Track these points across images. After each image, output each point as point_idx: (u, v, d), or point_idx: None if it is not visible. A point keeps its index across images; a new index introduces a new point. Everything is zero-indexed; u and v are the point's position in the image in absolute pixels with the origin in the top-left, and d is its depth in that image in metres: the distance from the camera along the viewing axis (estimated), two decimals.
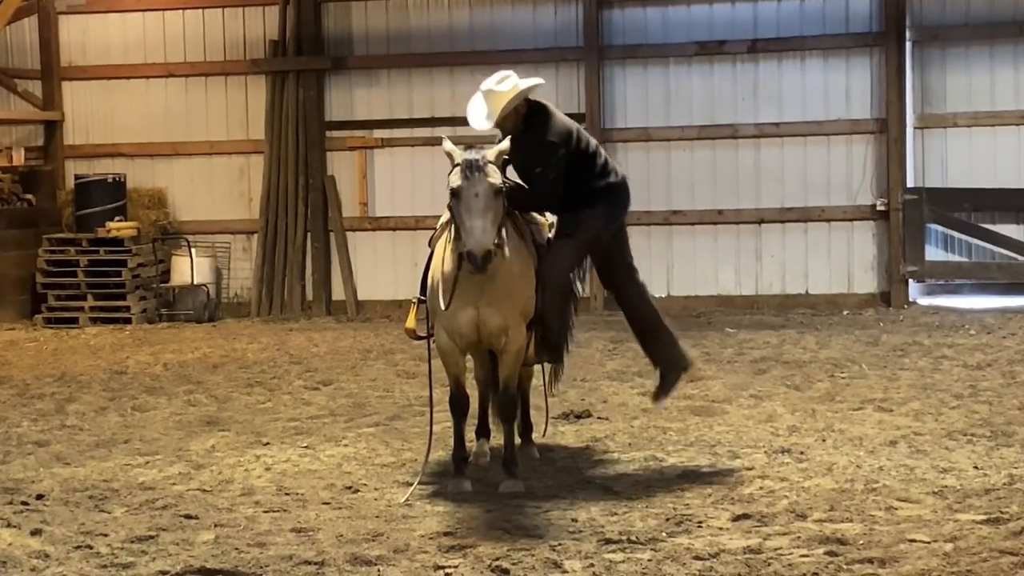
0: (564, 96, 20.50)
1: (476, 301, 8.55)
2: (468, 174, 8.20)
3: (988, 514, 7.57)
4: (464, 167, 8.23)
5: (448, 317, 8.65)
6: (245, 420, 11.62)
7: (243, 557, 7.03)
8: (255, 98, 21.36)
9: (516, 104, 8.82)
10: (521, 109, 8.87)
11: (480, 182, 8.17)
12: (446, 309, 8.57)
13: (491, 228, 8.14)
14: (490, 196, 8.18)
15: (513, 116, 8.85)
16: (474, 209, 8.14)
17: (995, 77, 19.73)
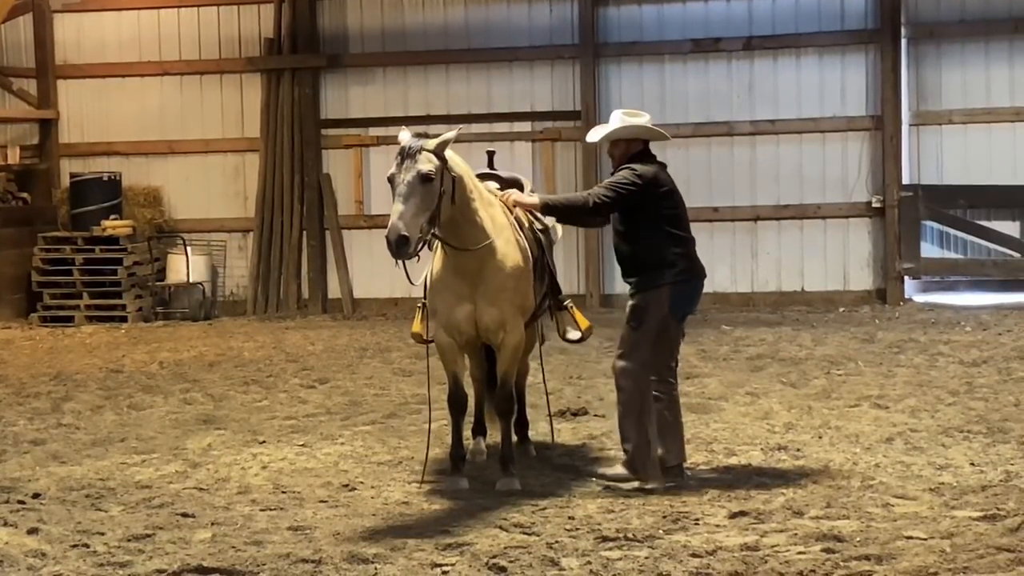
0: (560, 94, 20.54)
1: (472, 296, 8.55)
2: (400, 161, 8.15)
3: (985, 511, 7.58)
4: (399, 153, 8.19)
5: (445, 314, 8.65)
6: (241, 418, 11.62)
7: (240, 555, 7.02)
8: (250, 96, 21.35)
9: (630, 136, 8.77)
10: (633, 148, 8.78)
11: (409, 169, 8.09)
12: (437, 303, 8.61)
13: (411, 214, 7.99)
14: (416, 183, 8.06)
15: (623, 148, 8.79)
16: (396, 194, 8.05)
17: (990, 74, 19.75)
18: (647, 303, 8.61)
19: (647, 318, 8.59)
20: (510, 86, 20.68)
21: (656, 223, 8.67)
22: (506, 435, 8.88)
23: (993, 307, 18.26)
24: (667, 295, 8.66)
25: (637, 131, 8.81)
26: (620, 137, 8.79)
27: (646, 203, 8.64)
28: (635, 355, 8.59)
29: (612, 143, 8.81)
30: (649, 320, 8.59)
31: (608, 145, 8.86)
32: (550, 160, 20.43)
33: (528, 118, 20.54)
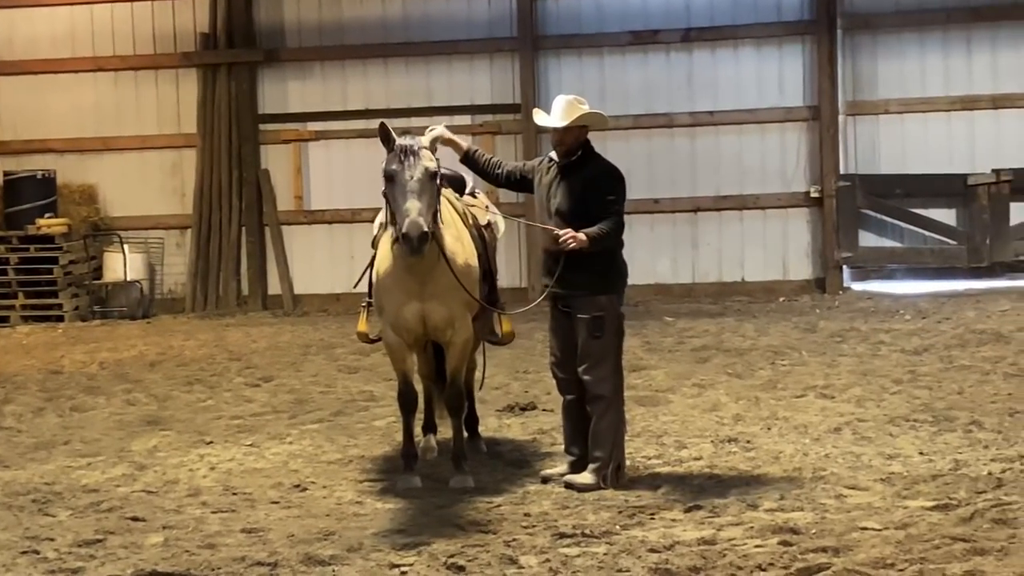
0: (499, 87, 20.51)
1: (420, 294, 8.50)
2: (403, 158, 8.14)
3: (937, 500, 7.63)
4: (399, 151, 8.17)
5: (394, 313, 8.60)
6: (187, 419, 11.50)
7: (194, 559, 6.94)
8: (186, 92, 21.15)
9: (585, 123, 8.60)
10: (583, 136, 8.64)
11: (415, 165, 8.11)
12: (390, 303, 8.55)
13: (426, 210, 8.06)
14: (425, 179, 8.11)
15: (575, 135, 8.59)
16: (409, 191, 8.04)
17: (925, 64, 19.94)
18: (605, 310, 8.50)
19: (608, 325, 8.50)
20: (449, 79, 20.62)
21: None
22: (458, 432, 8.85)
23: (931, 295, 18.45)
24: (619, 301, 8.67)
25: (594, 117, 8.64)
26: (586, 123, 8.60)
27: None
28: (606, 364, 8.51)
29: (565, 130, 8.56)
30: (610, 326, 8.51)
31: (561, 131, 8.59)
32: (490, 153, 20.34)
33: (468, 111, 20.50)
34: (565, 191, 8.56)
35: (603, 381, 8.51)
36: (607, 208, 8.48)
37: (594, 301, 8.49)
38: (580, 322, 8.53)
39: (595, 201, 8.49)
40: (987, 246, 19.61)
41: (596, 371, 8.49)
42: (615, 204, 8.53)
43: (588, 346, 8.51)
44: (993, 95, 19.80)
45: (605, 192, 8.51)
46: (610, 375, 8.54)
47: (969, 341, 14.09)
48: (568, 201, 8.53)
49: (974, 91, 19.82)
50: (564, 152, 8.65)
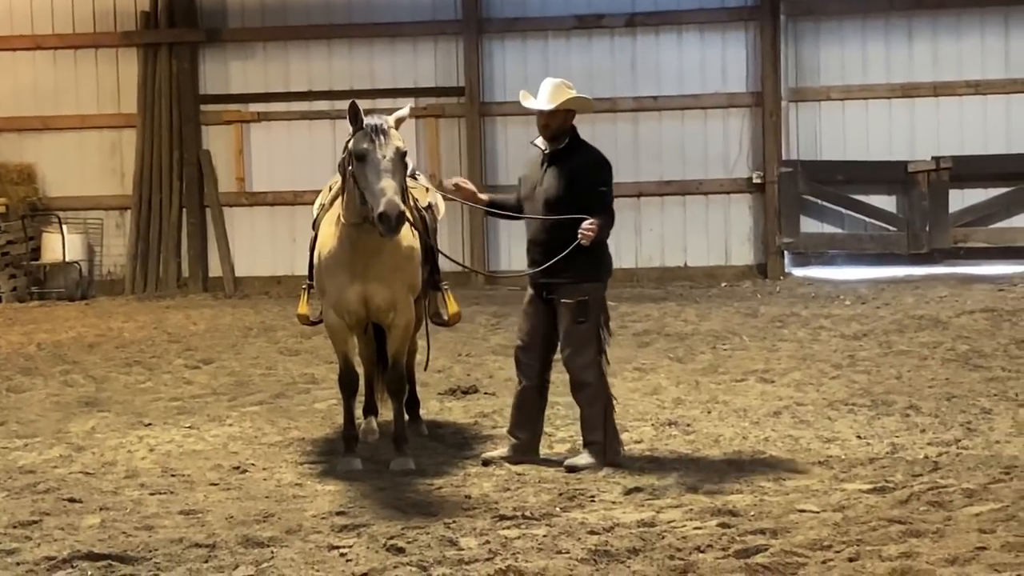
0: (443, 70, 20.46)
1: (364, 276, 8.45)
2: (374, 137, 8.02)
3: (874, 483, 7.70)
4: (370, 131, 8.05)
5: (336, 294, 8.55)
6: (125, 400, 11.40)
7: (131, 541, 6.88)
8: (127, 71, 20.95)
9: (573, 107, 8.53)
10: (569, 121, 8.57)
11: (387, 145, 8.02)
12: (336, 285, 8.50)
13: (399, 190, 7.99)
14: (397, 159, 8.04)
15: (562, 119, 8.51)
16: (383, 171, 7.94)
17: (867, 51, 20.08)
18: (589, 295, 8.45)
19: (592, 310, 8.46)
20: (393, 62, 20.55)
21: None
22: (399, 415, 8.83)
23: (871, 281, 18.61)
24: (603, 287, 8.64)
25: (581, 101, 8.57)
26: (572, 107, 8.52)
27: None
28: (590, 348, 8.47)
29: (551, 113, 8.47)
30: (593, 312, 8.47)
31: (546, 115, 8.49)
32: (434, 136, 20.36)
33: (411, 94, 20.40)
34: (553, 179, 8.48)
35: (587, 367, 8.47)
36: (599, 199, 8.43)
37: (579, 287, 8.42)
38: (563, 308, 8.46)
39: (584, 190, 8.40)
40: (926, 233, 19.80)
41: (580, 357, 8.46)
42: (607, 195, 8.50)
43: (572, 332, 8.45)
44: (934, 83, 19.98)
45: (595, 182, 8.44)
46: (593, 360, 8.49)
47: (908, 327, 14.23)
48: (556, 190, 8.45)
49: (915, 79, 20.00)
50: (550, 136, 8.57)
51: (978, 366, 11.74)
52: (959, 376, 11.30)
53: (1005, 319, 14.60)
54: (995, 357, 12.17)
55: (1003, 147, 19.85)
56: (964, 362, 11.99)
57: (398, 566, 6.26)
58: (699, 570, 6.08)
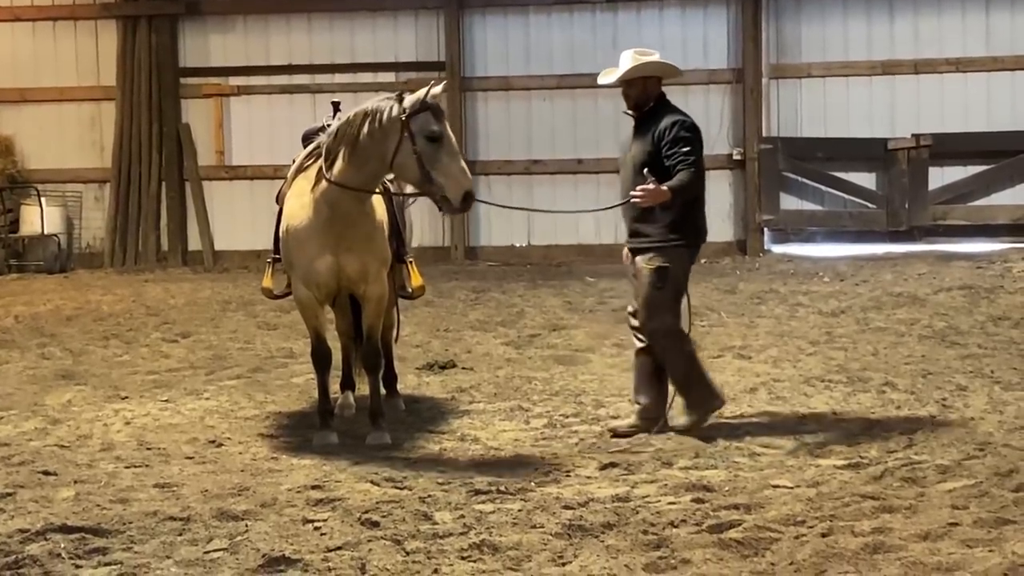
0: (424, 46, 20.41)
1: (335, 248, 8.42)
2: (440, 117, 8.07)
3: (848, 459, 7.72)
4: (434, 112, 8.06)
5: (306, 267, 8.51)
6: (102, 374, 11.37)
7: (105, 514, 6.86)
8: (106, 43, 20.87)
9: (648, 74, 8.55)
10: (652, 88, 8.59)
11: (448, 126, 8.11)
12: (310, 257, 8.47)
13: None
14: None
15: (640, 88, 8.56)
16: (455, 152, 8.08)
17: (848, 28, 20.09)
18: (671, 262, 8.51)
19: (671, 277, 8.52)
20: (374, 36, 20.49)
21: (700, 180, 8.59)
22: (375, 389, 8.81)
23: (850, 258, 18.65)
24: (687, 255, 8.65)
25: (661, 68, 8.64)
26: (641, 75, 8.54)
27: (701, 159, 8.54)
28: (666, 314, 8.56)
29: (627, 83, 8.56)
30: (672, 279, 8.53)
31: (624, 87, 8.59)
32: None
33: (392, 68, 20.40)
34: (639, 145, 8.54)
35: (663, 332, 8.57)
36: (682, 159, 8.35)
37: (661, 252, 8.49)
38: (643, 272, 8.56)
39: (667, 152, 8.39)
40: (906, 210, 19.84)
41: (653, 322, 8.56)
42: (690, 154, 8.38)
43: (649, 296, 8.55)
44: (915, 60, 20.01)
45: (677, 142, 8.38)
46: (671, 325, 8.58)
47: (885, 304, 14.27)
48: (641, 154, 8.49)
49: (896, 56, 20.03)
50: (632, 106, 8.65)
51: (955, 343, 11.78)
52: (935, 353, 11.33)
53: (983, 296, 14.65)
54: (972, 334, 12.21)
55: (983, 125, 19.90)
56: (941, 339, 12.02)
57: (372, 540, 6.25)
58: (672, 545, 6.09)
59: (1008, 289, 15.24)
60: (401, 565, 5.88)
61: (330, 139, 8.38)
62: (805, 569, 5.67)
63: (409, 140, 8.03)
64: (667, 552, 5.98)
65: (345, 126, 8.29)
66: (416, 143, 8.02)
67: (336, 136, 8.34)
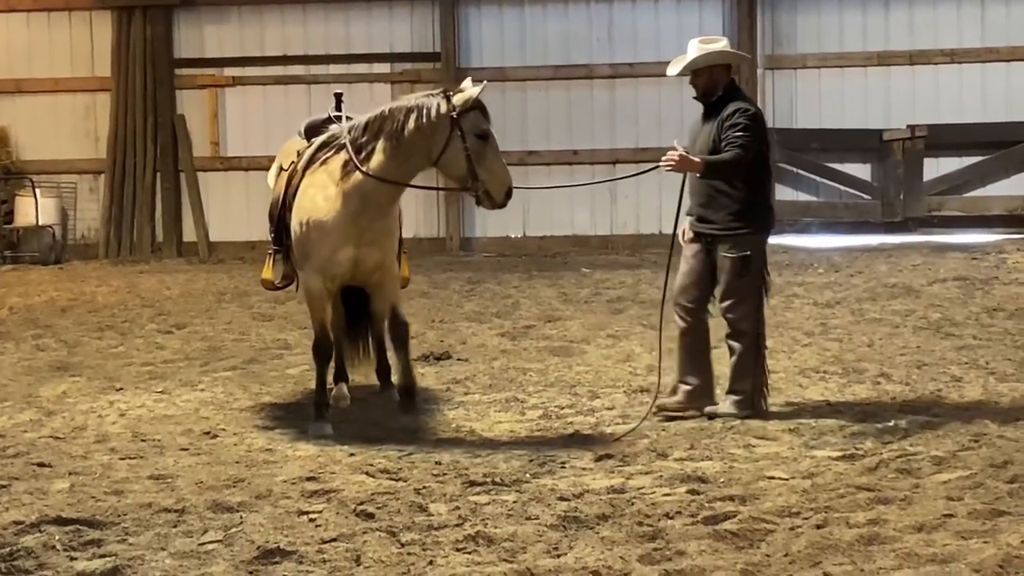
0: (419, 35, 20.38)
1: (358, 240, 8.46)
2: (488, 116, 8.27)
3: (843, 450, 7.72)
4: (483, 110, 8.25)
5: (326, 258, 8.52)
6: (97, 365, 11.36)
7: (100, 506, 6.85)
8: (101, 34, 20.82)
9: (714, 63, 8.71)
10: (719, 76, 8.75)
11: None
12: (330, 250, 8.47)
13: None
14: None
15: (707, 77, 8.72)
16: (498, 149, 8.30)
17: (843, 19, 20.09)
18: (752, 250, 8.68)
19: (753, 265, 8.68)
20: (369, 26, 20.45)
21: (762, 166, 8.78)
22: (407, 366, 8.81)
23: (844, 249, 18.64)
24: (763, 241, 8.84)
25: (715, 57, 8.72)
26: (698, 66, 8.70)
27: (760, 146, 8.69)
28: (749, 301, 8.73)
29: (694, 73, 8.72)
30: (754, 266, 8.69)
31: (691, 76, 8.76)
32: None
33: (387, 59, 20.37)
34: (708, 131, 8.70)
35: (746, 318, 8.74)
36: (731, 141, 8.49)
37: (743, 241, 8.64)
38: (726, 261, 8.68)
39: (724, 135, 8.55)
40: (901, 201, 19.85)
41: (740, 308, 8.73)
42: (740, 137, 8.47)
43: (733, 284, 8.70)
44: (909, 51, 20.00)
45: (734, 127, 8.52)
46: (753, 311, 8.75)
47: (880, 295, 14.27)
48: (708, 140, 8.66)
49: (891, 47, 20.02)
50: (700, 94, 8.81)
51: (949, 334, 11.78)
52: (930, 344, 11.34)
53: (977, 288, 14.66)
54: (966, 325, 12.22)
55: (978, 116, 19.90)
56: (936, 330, 12.03)
57: (367, 531, 6.25)
58: (667, 536, 6.09)
59: (1003, 280, 15.24)
60: (396, 557, 5.88)
61: (358, 132, 8.43)
62: (800, 560, 5.68)
63: (459, 137, 8.18)
64: (662, 543, 5.98)
65: (381, 120, 8.37)
66: (466, 140, 8.18)
67: (367, 129, 8.39)
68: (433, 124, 8.20)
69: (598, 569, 5.61)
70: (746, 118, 8.55)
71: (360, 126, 8.46)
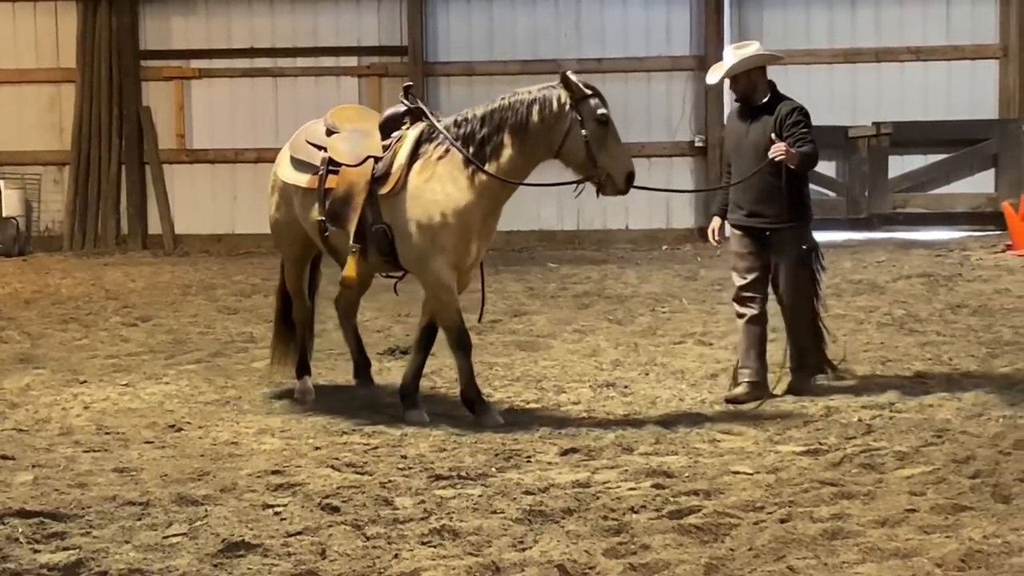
0: (387, 29, 20.34)
1: (479, 233, 8.60)
2: (606, 102, 8.36)
3: (807, 445, 7.76)
4: (600, 96, 8.35)
5: (463, 250, 8.57)
6: (61, 357, 11.30)
7: (64, 498, 6.82)
8: (66, 25, 20.71)
9: (751, 67, 9.16)
10: (757, 78, 9.21)
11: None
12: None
13: None
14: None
15: (746, 80, 9.20)
16: (618, 134, 8.41)
17: (810, 16, 20.16)
18: (808, 243, 9.25)
19: (810, 254, 9.25)
20: (336, 20, 20.41)
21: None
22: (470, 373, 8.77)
23: None
24: (810, 229, 9.37)
25: (756, 59, 9.17)
26: (736, 72, 9.15)
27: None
28: (810, 287, 9.35)
29: (733, 79, 9.18)
30: (812, 256, 9.27)
31: (731, 82, 9.25)
32: (377, 96, 20.24)
33: (354, 52, 20.34)
34: (760, 130, 9.13)
35: (806, 304, 9.34)
36: (802, 137, 9.01)
37: (799, 232, 9.24)
38: (785, 252, 9.23)
39: (788, 133, 9.02)
40: (866, 198, 19.94)
41: (799, 295, 9.30)
42: (808, 134, 9.05)
43: (794, 275, 9.25)
44: (876, 48, 20.11)
45: (797, 124, 9.05)
46: (811, 298, 9.38)
47: (845, 291, 14.34)
48: (764, 139, 9.05)
49: (857, 44, 20.11)
50: (741, 97, 9.30)
51: (913, 330, 11.85)
52: (894, 340, 11.40)
53: (941, 284, 14.75)
54: (930, 322, 12.29)
55: (943, 113, 20.02)
56: (900, 326, 12.10)
57: (332, 525, 6.24)
58: (632, 530, 6.10)
59: (966, 277, 15.34)
60: (361, 550, 5.87)
61: (473, 125, 8.47)
62: (764, 555, 5.70)
63: (579, 125, 8.26)
64: (627, 538, 6.00)
65: (502, 113, 8.43)
66: (585, 127, 8.25)
67: (484, 123, 8.46)
68: (555, 114, 8.31)
69: (563, 563, 5.62)
70: (804, 116, 9.11)
71: (475, 119, 8.52)
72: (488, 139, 8.43)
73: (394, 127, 8.88)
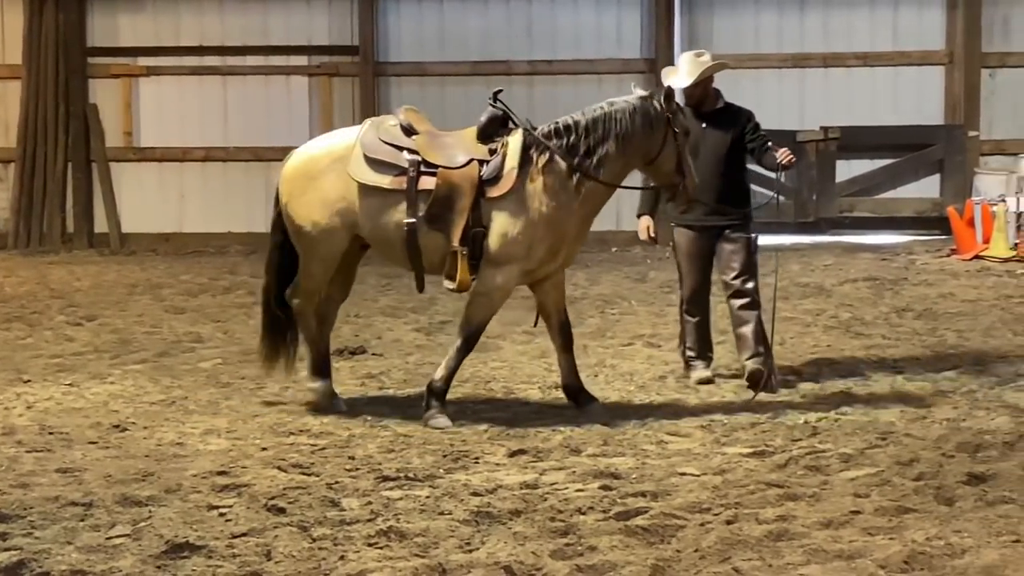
0: (337, 29, 20.27)
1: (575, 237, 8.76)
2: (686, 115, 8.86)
3: (754, 447, 7.80)
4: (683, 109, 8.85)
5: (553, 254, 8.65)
6: (4, 356, 11.18)
7: (6, 499, 6.75)
8: (11, 21, 20.49)
9: (714, 72, 9.59)
10: (710, 87, 9.63)
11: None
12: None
13: None
14: None
15: (703, 89, 9.59)
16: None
17: (760, 21, 20.26)
18: (752, 230, 9.74)
19: (756, 242, 9.76)
20: (287, 18, 20.31)
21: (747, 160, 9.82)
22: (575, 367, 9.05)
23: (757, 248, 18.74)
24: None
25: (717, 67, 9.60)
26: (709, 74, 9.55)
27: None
28: (755, 275, 9.87)
29: (693, 85, 9.49)
30: (756, 243, 9.77)
31: (689, 88, 9.54)
32: (327, 96, 20.18)
33: (305, 52, 20.25)
34: (716, 137, 9.55)
35: (756, 290, 9.85)
36: (765, 141, 9.59)
37: (749, 223, 9.74)
38: (740, 241, 9.71)
39: (751, 137, 9.61)
40: (813, 202, 20.04)
41: (751, 282, 9.78)
42: (766, 136, 9.66)
43: (748, 261, 9.76)
44: (824, 54, 20.22)
45: (757, 128, 9.68)
46: (757, 284, 9.90)
47: (792, 294, 14.41)
48: (722, 145, 9.54)
49: (806, 49, 20.21)
50: (695, 104, 9.64)
51: (859, 334, 11.94)
52: (840, 343, 11.48)
53: (887, 288, 14.86)
54: (876, 325, 12.39)
55: (890, 118, 20.15)
56: (846, 329, 12.19)
57: (278, 526, 6.22)
58: (580, 532, 6.11)
59: (912, 281, 15.47)
60: (307, 552, 5.85)
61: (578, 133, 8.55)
62: (710, 556, 5.72)
63: (673, 135, 8.55)
64: (574, 539, 6.01)
65: (606, 122, 8.53)
66: (679, 136, 8.59)
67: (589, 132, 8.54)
68: (654, 124, 8.54)
69: (510, 564, 5.62)
70: (754, 118, 9.72)
71: (579, 128, 8.58)
72: (593, 149, 8.54)
73: (494, 131, 8.92)
